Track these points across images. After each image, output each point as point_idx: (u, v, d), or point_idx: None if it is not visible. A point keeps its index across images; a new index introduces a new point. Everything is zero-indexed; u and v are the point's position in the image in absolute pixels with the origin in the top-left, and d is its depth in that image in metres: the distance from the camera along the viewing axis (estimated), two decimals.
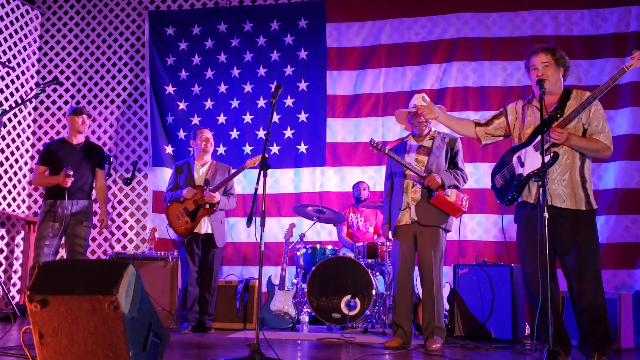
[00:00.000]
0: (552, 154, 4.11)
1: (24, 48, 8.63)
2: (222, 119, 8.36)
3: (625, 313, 5.56)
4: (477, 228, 7.50)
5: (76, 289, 3.23)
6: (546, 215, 3.87)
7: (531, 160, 4.31)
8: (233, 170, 6.62)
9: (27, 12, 8.71)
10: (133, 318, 3.28)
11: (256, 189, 4.35)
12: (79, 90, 8.70)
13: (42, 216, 6.20)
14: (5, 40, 8.33)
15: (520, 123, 4.52)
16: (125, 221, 8.35)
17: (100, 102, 8.66)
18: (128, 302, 3.26)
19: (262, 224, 4.22)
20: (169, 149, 8.36)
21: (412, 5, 8.04)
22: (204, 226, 6.42)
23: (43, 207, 6.24)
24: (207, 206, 6.35)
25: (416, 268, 5.47)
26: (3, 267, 8.00)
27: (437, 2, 7.96)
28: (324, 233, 7.91)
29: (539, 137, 4.12)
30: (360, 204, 7.46)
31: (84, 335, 3.24)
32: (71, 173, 6.04)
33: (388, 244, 6.54)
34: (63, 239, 6.28)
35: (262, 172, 4.26)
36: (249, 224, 4.29)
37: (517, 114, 4.57)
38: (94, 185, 6.47)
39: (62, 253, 6.55)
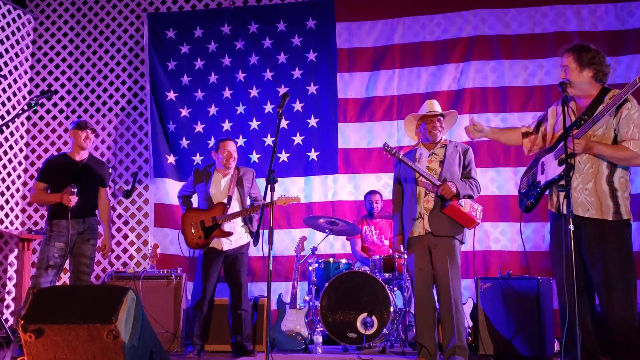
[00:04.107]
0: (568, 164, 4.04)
1: (16, 55, 8.66)
2: (227, 125, 8.35)
3: None
4: (501, 237, 7.45)
5: (73, 317, 3.22)
6: (571, 227, 3.82)
7: (549, 168, 4.29)
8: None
9: (19, 16, 8.74)
10: (133, 347, 3.27)
11: (263, 204, 4.34)
12: (74, 98, 8.70)
13: (46, 236, 6.16)
14: None
15: (557, 126, 4.48)
16: (125, 236, 8.33)
17: (98, 110, 8.66)
18: (128, 330, 3.25)
19: (270, 242, 4.19)
20: (171, 159, 8.35)
21: (426, 3, 8.03)
22: (226, 244, 6.35)
23: (47, 227, 6.19)
24: (226, 228, 6.32)
25: None
26: None
27: None
28: (338, 246, 7.88)
29: (561, 145, 4.08)
30: (375, 215, 7.41)
31: None
32: (75, 190, 5.99)
33: (405, 256, 6.50)
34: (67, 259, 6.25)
35: (269, 186, 4.23)
36: (255, 242, 4.26)
37: (556, 118, 4.53)
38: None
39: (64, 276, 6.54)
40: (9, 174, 8.40)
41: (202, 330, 6.31)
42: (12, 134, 8.50)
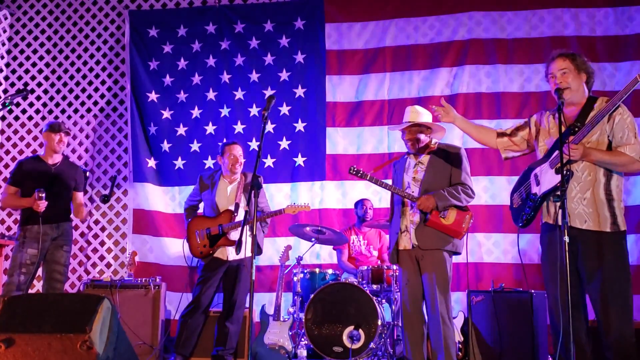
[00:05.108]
0: (566, 171, 4.04)
1: None
2: (210, 128, 8.34)
3: None
4: (494, 249, 7.46)
5: (45, 326, 3.21)
6: (566, 239, 3.82)
7: (546, 178, 4.29)
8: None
9: None
10: (108, 358, 3.25)
11: (246, 211, 4.33)
12: (51, 98, 8.67)
13: (19, 242, 6.13)
14: None
15: (543, 136, 4.51)
16: (102, 243, 8.30)
17: (76, 110, 8.63)
18: (103, 340, 3.24)
19: (253, 250, 4.19)
20: (151, 163, 8.33)
21: (420, 4, 8.06)
22: (232, 253, 6.30)
23: (20, 233, 6.17)
24: (232, 237, 6.29)
25: None
26: None
27: (446, 0, 7.97)
28: (324, 255, 7.87)
29: (556, 153, 4.10)
30: (363, 223, 7.41)
31: None
32: (43, 195, 5.95)
33: (395, 267, 6.50)
34: (41, 266, 6.22)
35: (252, 192, 4.22)
36: (237, 250, 4.26)
37: (539, 126, 4.55)
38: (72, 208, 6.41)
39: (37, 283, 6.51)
40: None
41: (189, 340, 6.27)
42: None
